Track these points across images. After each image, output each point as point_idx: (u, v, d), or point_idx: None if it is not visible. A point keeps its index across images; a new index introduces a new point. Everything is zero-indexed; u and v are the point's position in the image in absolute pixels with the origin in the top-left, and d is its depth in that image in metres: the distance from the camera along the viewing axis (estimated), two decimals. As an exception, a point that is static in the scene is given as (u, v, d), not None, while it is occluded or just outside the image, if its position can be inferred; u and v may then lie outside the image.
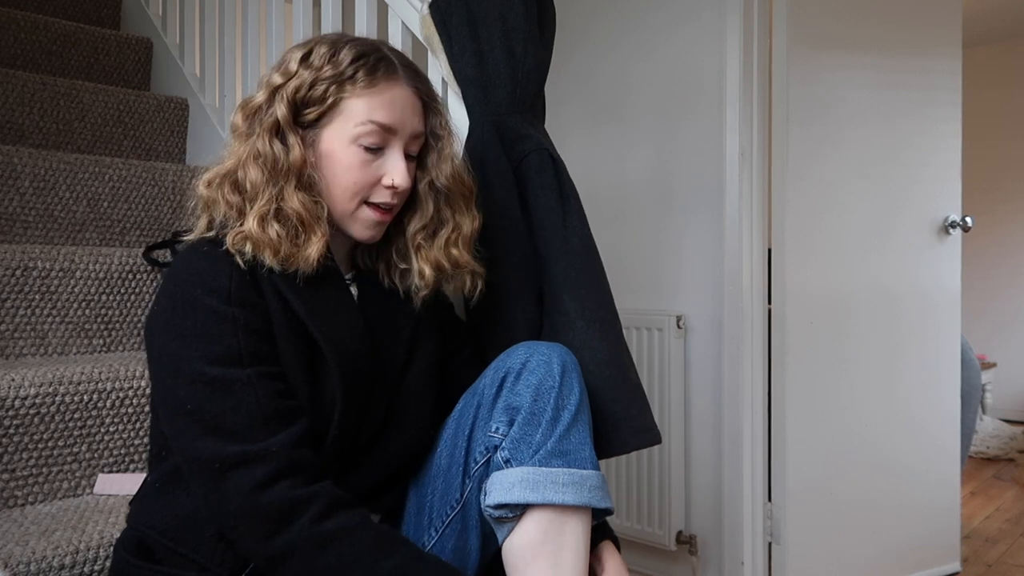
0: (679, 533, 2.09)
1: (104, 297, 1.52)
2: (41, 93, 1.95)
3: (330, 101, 0.94)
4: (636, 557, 2.21)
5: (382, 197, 0.97)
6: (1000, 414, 4.60)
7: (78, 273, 1.49)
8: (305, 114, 0.95)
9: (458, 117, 1.29)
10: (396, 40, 1.41)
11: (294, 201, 0.91)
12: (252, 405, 0.84)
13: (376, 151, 0.96)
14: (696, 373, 2.10)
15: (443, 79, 1.32)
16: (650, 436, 1.12)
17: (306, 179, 0.94)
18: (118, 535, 1.02)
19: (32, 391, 1.23)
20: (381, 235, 1.01)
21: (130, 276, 1.55)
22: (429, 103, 1.01)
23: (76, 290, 1.49)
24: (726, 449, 2.01)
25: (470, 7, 1.23)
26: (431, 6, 1.28)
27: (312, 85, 0.94)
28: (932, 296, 2.31)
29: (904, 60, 2.24)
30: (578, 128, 2.38)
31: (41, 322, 1.45)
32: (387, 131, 0.95)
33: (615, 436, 1.09)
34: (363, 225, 0.98)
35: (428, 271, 1.01)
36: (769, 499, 2.02)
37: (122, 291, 1.54)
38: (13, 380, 1.22)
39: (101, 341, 1.52)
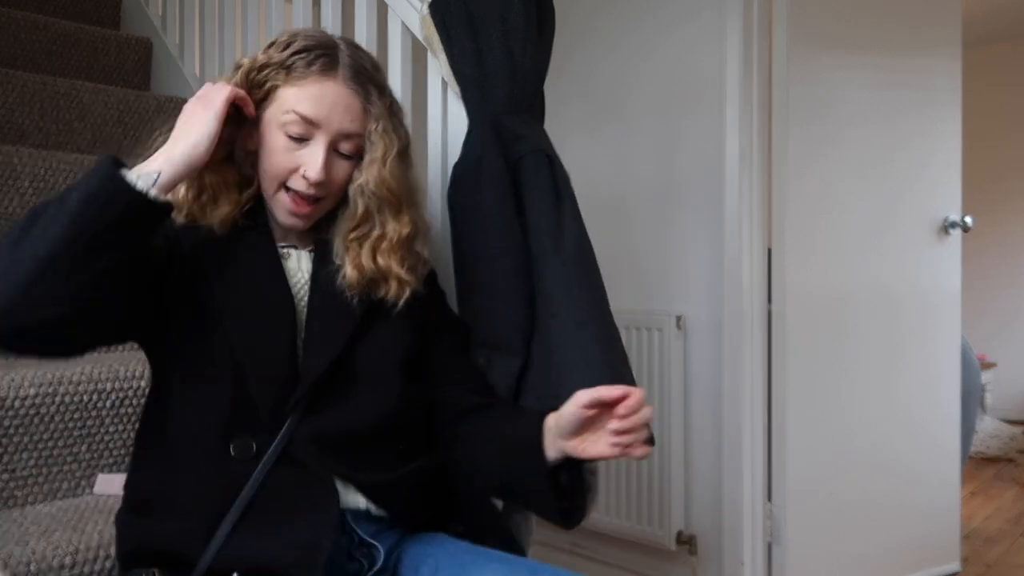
0: (679, 533, 2.10)
1: (104, 297, 1.52)
2: (41, 93, 1.95)
3: (267, 86, 1.00)
4: (636, 557, 2.21)
5: (298, 185, 1.00)
6: (1000, 414, 4.60)
7: (78, 273, 1.49)
8: (252, 94, 1.01)
9: (458, 117, 1.29)
10: (396, 40, 1.42)
11: (205, 175, 0.99)
12: None
13: (299, 140, 0.99)
14: (696, 373, 2.10)
15: (443, 79, 1.32)
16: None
17: (236, 155, 1.03)
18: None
19: (32, 391, 1.23)
20: (304, 225, 1.04)
21: (130, 276, 1.55)
22: (369, 108, 1.02)
23: (76, 290, 1.49)
24: (726, 449, 2.01)
25: (469, 7, 1.23)
26: (431, 6, 1.28)
27: (260, 69, 1.01)
28: (932, 296, 2.31)
29: (904, 60, 2.25)
30: (578, 128, 2.38)
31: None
32: (309, 123, 0.99)
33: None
34: (282, 209, 1.02)
35: (351, 272, 1.03)
36: (769, 499, 2.02)
37: (122, 291, 1.54)
38: (13, 380, 1.22)
39: (101, 341, 1.52)
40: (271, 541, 0.91)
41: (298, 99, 0.99)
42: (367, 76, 1.03)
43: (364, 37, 1.49)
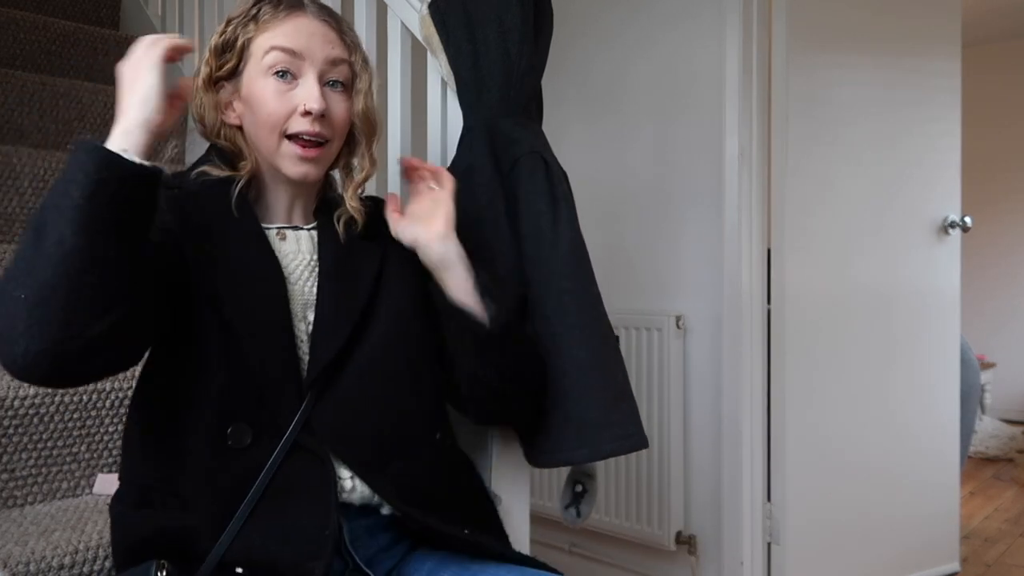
0: (678, 533, 2.10)
1: (103, 297, 1.52)
2: (41, 93, 1.95)
3: (240, 43, 0.99)
4: (635, 557, 2.21)
5: (300, 126, 0.97)
6: (999, 414, 4.60)
7: (77, 273, 1.49)
8: (226, 62, 1.00)
9: (458, 117, 1.29)
10: (396, 40, 1.41)
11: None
12: None
13: (287, 77, 0.97)
14: (695, 373, 2.10)
15: (443, 79, 1.32)
16: (631, 442, 1.12)
17: (226, 133, 1.01)
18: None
19: (31, 391, 1.23)
20: (316, 173, 1.01)
21: (129, 276, 1.55)
22: (344, 37, 1.02)
23: (75, 290, 1.49)
24: (725, 449, 2.01)
25: (467, 7, 1.23)
26: (430, 6, 1.28)
27: (226, 28, 1.01)
28: (931, 296, 2.32)
29: (904, 59, 2.25)
30: (576, 127, 2.38)
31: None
32: (293, 55, 0.97)
33: (592, 442, 1.10)
34: (290, 161, 0.98)
35: (353, 206, 1.04)
36: (768, 499, 2.02)
37: (121, 291, 1.54)
38: (12, 380, 1.22)
39: (100, 341, 1.52)
40: (277, 536, 0.89)
41: (274, 37, 0.97)
42: (330, 10, 1.04)
43: (364, 37, 1.49)
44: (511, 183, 1.20)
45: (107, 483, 1.30)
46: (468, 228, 1.13)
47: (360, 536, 0.96)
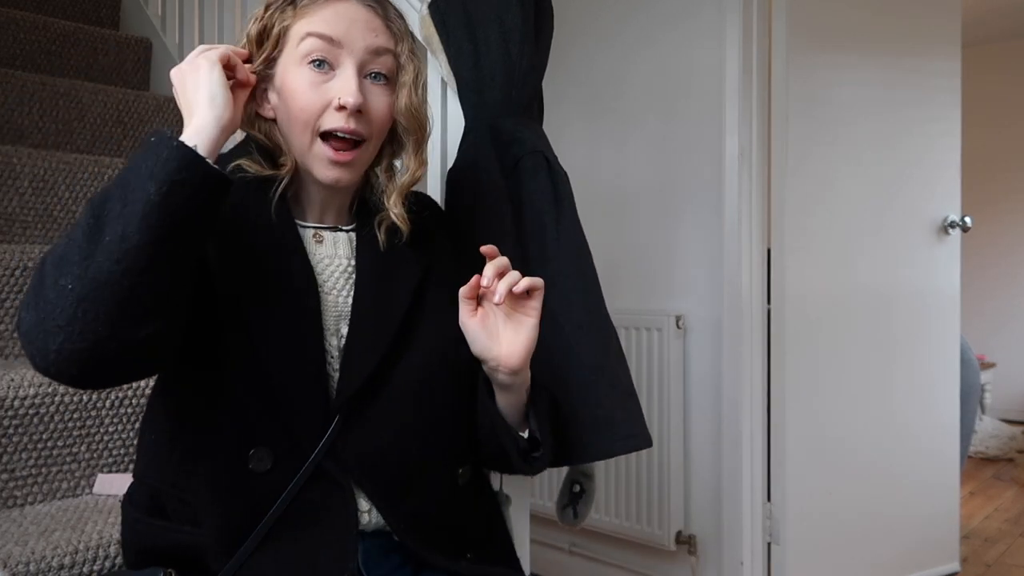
0: (678, 533, 2.10)
1: (103, 297, 1.52)
2: (40, 93, 1.95)
3: (276, 31, 0.91)
4: (635, 557, 2.21)
5: (334, 122, 0.88)
6: (999, 414, 4.60)
7: (77, 273, 1.49)
8: (263, 51, 0.92)
9: (458, 117, 1.29)
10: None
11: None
12: None
13: (324, 68, 0.89)
14: (695, 373, 2.10)
15: (443, 79, 1.32)
16: (635, 442, 1.12)
17: (261, 126, 0.94)
18: (118, 531, 1.02)
19: (31, 391, 1.23)
20: (350, 178, 0.92)
21: (129, 276, 1.55)
22: (390, 24, 0.93)
23: (75, 290, 1.49)
24: (725, 449, 2.01)
25: (467, 7, 1.23)
26: (430, 6, 1.28)
27: (262, 18, 0.92)
28: (931, 297, 2.32)
29: (904, 59, 2.25)
30: (576, 127, 2.38)
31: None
32: (330, 43, 0.89)
33: (597, 442, 1.10)
34: (321, 164, 0.90)
35: (397, 213, 0.95)
36: (768, 499, 2.02)
37: (121, 291, 1.54)
38: (12, 380, 1.22)
39: (100, 341, 1.52)
40: (290, 565, 0.85)
41: (312, 23, 0.89)
42: None
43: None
44: (513, 183, 1.20)
45: (107, 483, 1.30)
46: (472, 227, 1.12)
47: (373, 556, 0.92)
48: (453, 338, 0.96)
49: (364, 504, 0.91)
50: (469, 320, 0.93)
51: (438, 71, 1.32)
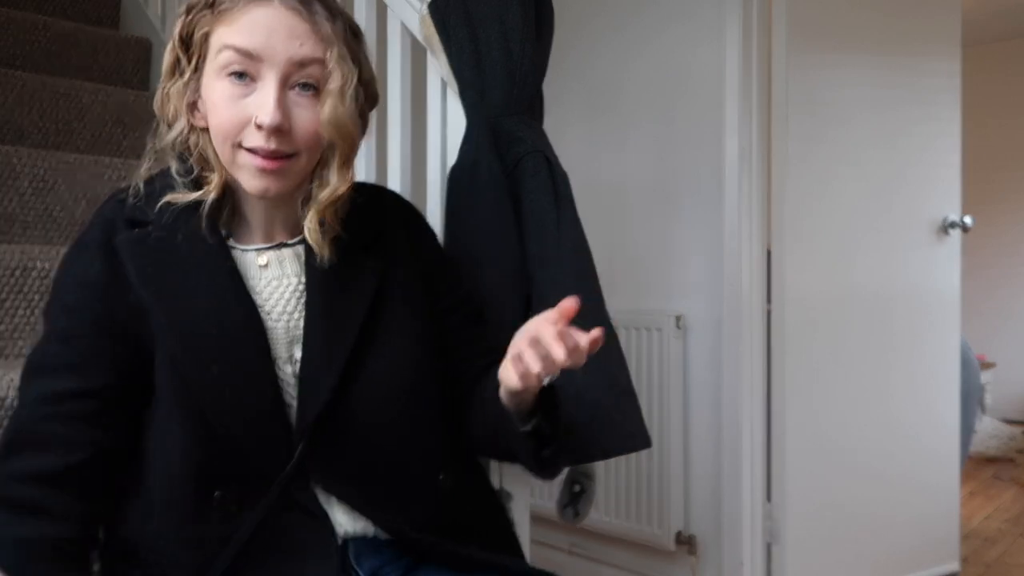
0: (678, 533, 2.09)
1: (103, 297, 1.52)
2: (40, 93, 1.95)
3: (198, 36, 0.85)
4: (635, 557, 2.21)
5: (254, 140, 0.83)
6: (999, 414, 4.60)
7: (77, 273, 1.49)
8: (188, 55, 0.87)
9: (458, 117, 1.29)
10: (395, 40, 1.42)
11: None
12: (14, 424, 0.85)
13: (245, 79, 0.83)
14: (695, 373, 2.10)
15: (442, 79, 1.32)
16: (634, 442, 1.12)
17: (194, 138, 0.89)
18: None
19: (31, 391, 1.23)
20: (278, 188, 0.86)
21: (129, 276, 1.55)
22: (317, 30, 0.85)
23: (75, 290, 1.49)
24: (725, 449, 2.01)
25: (468, 7, 1.23)
26: (430, 6, 1.28)
27: (185, 24, 0.86)
28: (931, 297, 2.31)
29: (904, 59, 2.25)
30: (575, 126, 2.38)
31: (40, 322, 1.45)
32: (248, 57, 0.82)
33: (597, 443, 1.10)
34: (247, 174, 0.85)
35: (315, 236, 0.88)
36: (768, 499, 2.02)
37: (121, 291, 1.54)
38: (12, 380, 1.21)
39: (100, 341, 1.52)
40: None
41: (229, 33, 0.83)
42: None
43: (363, 37, 1.49)
44: (514, 182, 1.20)
45: (107, 483, 1.30)
46: (472, 227, 1.12)
47: (364, 552, 0.91)
48: (415, 340, 0.93)
49: (344, 518, 0.89)
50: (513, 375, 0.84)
51: (438, 71, 1.32)
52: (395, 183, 1.35)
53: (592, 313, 1.15)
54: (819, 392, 2.07)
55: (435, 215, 1.30)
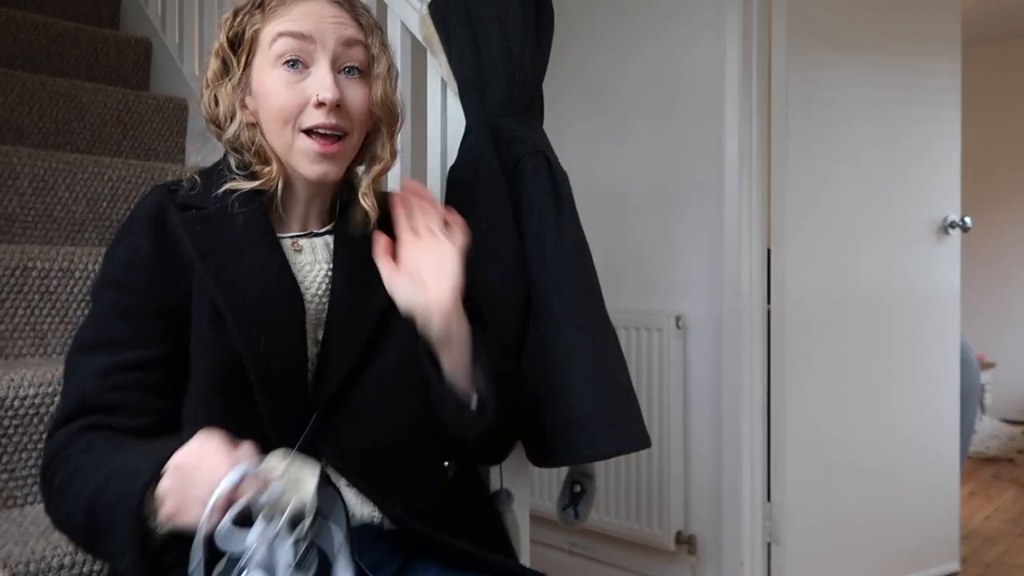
0: (678, 533, 2.10)
1: (103, 297, 1.52)
2: (40, 93, 1.95)
3: (247, 34, 0.93)
4: (635, 557, 2.21)
5: (314, 119, 0.90)
6: (999, 414, 4.60)
7: (77, 273, 1.49)
8: (237, 57, 0.94)
9: (458, 117, 1.29)
10: (395, 40, 1.42)
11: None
12: (74, 396, 0.87)
13: (299, 67, 0.91)
14: (695, 373, 2.10)
15: (442, 79, 1.32)
16: (633, 442, 1.12)
17: (243, 134, 0.95)
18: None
19: (32, 391, 1.23)
20: (337, 173, 0.94)
21: (129, 276, 1.55)
22: (359, 18, 0.95)
23: (75, 290, 1.49)
24: (725, 449, 2.01)
25: (468, 7, 1.23)
26: (430, 6, 1.28)
27: (235, 18, 0.95)
28: (931, 296, 2.32)
29: (904, 59, 2.25)
30: (574, 126, 2.38)
31: (40, 322, 1.45)
32: (302, 39, 0.90)
33: (595, 443, 1.10)
34: (306, 159, 0.92)
35: (369, 204, 0.97)
36: (768, 499, 2.02)
37: (121, 291, 1.54)
38: (12, 380, 1.22)
39: (100, 341, 1.52)
40: None
41: (281, 23, 0.91)
42: None
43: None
44: (514, 182, 1.20)
45: (107, 483, 1.30)
46: (472, 226, 1.12)
47: (364, 543, 0.92)
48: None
49: (351, 501, 0.91)
50: (393, 277, 0.93)
51: (438, 71, 1.32)
52: (395, 183, 1.35)
53: (591, 313, 1.15)
54: (819, 392, 2.07)
55: (435, 215, 1.30)
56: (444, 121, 1.34)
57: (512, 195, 1.20)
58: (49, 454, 0.85)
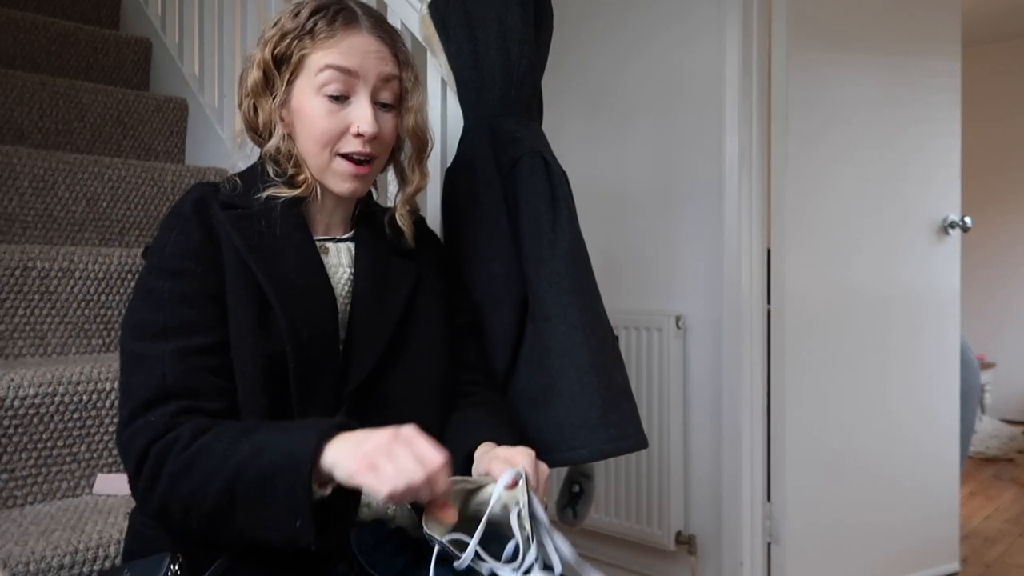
0: (678, 533, 2.10)
1: (103, 297, 1.52)
2: (40, 93, 1.95)
3: (295, 57, 0.99)
4: (635, 557, 2.21)
5: (352, 146, 0.99)
6: (999, 414, 4.60)
7: (77, 273, 1.49)
8: (281, 73, 1.00)
9: (458, 117, 1.29)
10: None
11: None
12: (151, 382, 0.88)
13: (341, 100, 0.98)
14: (695, 373, 2.10)
15: (442, 79, 1.32)
16: (630, 443, 1.12)
17: (280, 143, 1.02)
18: (118, 531, 1.02)
19: (31, 391, 1.23)
20: (363, 189, 1.03)
21: (129, 276, 1.55)
22: (397, 52, 1.03)
23: (75, 290, 1.49)
24: (725, 449, 2.01)
25: (467, 8, 1.23)
26: (430, 6, 1.28)
27: (277, 45, 0.99)
28: (931, 297, 2.31)
29: (904, 59, 2.25)
30: (574, 126, 2.38)
31: (40, 322, 1.45)
32: (348, 74, 0.98)
33: (593, 443, 1.10)
34: (339, 178, 1.00)
35: (405, 221, 1.06)
36: (768, 499, 2.02)
37: (121, 291, 1.54)
38: (12, 380, 1.22)
39: (100, 341, 1.52)
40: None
41: (329, 55, 0.97)
42: (385, 23, 1.04)
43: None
44: (511, 182, 1.20)
45: (107, 483, 1.30)
46: (468, 227, 1.13)
47: (367, 543, 0.96)
48: (442, 338, 1.06)
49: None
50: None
51: (438, 71, 1.32)
52: (395, 182, 1.35)
53: (588, 313, 1.15)
54: (819, 392, 2.07)
55: (434, 215, 1.30)
56: (444, 121, 1.34)
57: (509, 196, 1.20)
58: (149, 437, 0.85)
